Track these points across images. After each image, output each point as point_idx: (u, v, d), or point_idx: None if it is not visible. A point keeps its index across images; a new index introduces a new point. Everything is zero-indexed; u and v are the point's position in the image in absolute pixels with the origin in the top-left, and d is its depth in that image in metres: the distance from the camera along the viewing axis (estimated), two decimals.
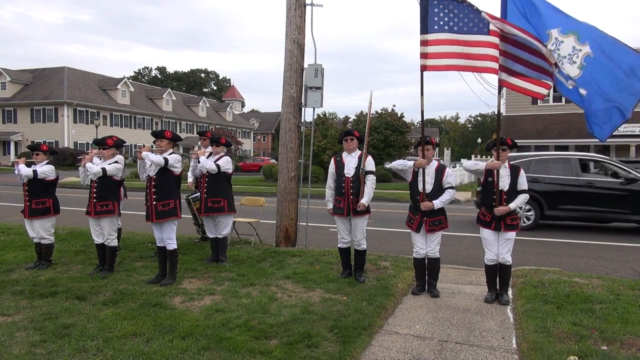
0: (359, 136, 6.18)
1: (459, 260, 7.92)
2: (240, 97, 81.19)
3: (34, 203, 6.52)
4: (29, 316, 4.68)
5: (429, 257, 5.71)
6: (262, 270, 6.47)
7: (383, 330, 4.61)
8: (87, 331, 4.29)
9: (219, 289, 5.63)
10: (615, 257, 8.35)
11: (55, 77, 43.97)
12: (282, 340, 4.18)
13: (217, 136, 7.30)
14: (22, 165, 6.48)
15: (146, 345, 4.01)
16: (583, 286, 5.88)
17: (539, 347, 4.08)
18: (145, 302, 5.05)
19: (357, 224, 6.10)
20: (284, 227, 8.19)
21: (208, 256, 7.11)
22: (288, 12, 8.12)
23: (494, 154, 5.46)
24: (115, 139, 6.58)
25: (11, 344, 4.05)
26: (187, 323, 4.47)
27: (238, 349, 3.95)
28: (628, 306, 5.09)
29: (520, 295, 5.62)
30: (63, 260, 6.99)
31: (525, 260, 7.88)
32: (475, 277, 6.56)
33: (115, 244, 6.41)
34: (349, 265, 6.31)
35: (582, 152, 15.67)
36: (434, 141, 5.72)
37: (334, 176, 6.18)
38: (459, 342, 4.36)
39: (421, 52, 5.37)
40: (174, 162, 5.84)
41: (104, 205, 6.19)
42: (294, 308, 4.98)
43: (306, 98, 8.17)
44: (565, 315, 4.84)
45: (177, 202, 5.91)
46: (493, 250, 5.47)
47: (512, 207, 5.32)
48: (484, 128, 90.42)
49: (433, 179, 5.61)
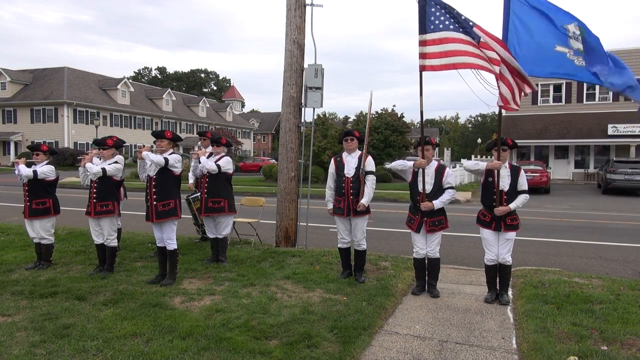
0: (359, 136, 6.18)
1: (459, 260, 7.91)
2: (240, 97, 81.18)
3: (34, 203, 6.52)
4: (28, 316, 4.67)
5: (429, 257, 5.71)
6: (262, 270, 6.47)
7: (383, 331, 4.61)
8: (87, 331, 4.29)
9: (219, 289, 5.63)
10: (615, 257, 8.35)
11: (55, 77, 43.97)
12: (282, 340, 4.18)
13: (217, 136, 7.30)
14: (22, 165, 6.48)
15: (146, 346, 4.01)
16: (583, 286, 5.88)
17: (539, 347, 4.07)
18: (145, 303, 5.05)
19: (357, 224, 6.10)
20: (284, 227, 8.19)
21: (208, 256, 7.11)
22: (288, 12, 8.12)
23: (494, 154, 5.45)
24: (115, 139, 6.57)
25: (11, 344, 4.05)
26: (187, 323, 4.46)
27: (238, 349, 3.95)
28: (628, 306, 5.08)
29: (520, 295, 5.62)
30: (63, 260, 6.99)
31: (525, 260, 7.87)
32: (475, 278, 6.55)
33: (115, 244, 6.40)
34: (349, 266, 6.31)
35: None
36: (433, 141, 5.72)
37: (334, 176, 6.18)
38: (459, 342, 4.35)
39: (420, 52, 5.36)
40: (174, 162, 5.84)
41: (104, 206, 6.18)
42: (294, 308, 4.98)
43: (306, 98, 8.17)
44: (565, 315, 4.84)
45: (177, 202, 5.91)
46: (493, 250, 5.46)
47: (512, 207, 5.32)
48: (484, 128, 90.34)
49: (433, 179, 5.61)
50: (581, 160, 30.86)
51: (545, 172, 22.35)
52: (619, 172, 20.87)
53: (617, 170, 21.00)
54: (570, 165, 30.87)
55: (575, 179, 30.33)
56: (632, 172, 20.63)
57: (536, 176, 21.26)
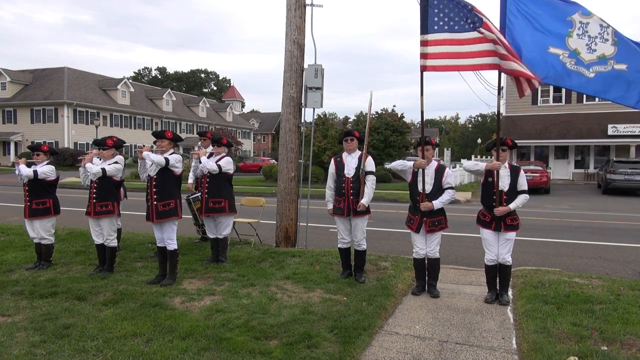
0: (359, 136, 6.18)
1: (459, 260, 7.91)
2: (240, 98, 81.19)
3: (34, 203, 6.52)
4: (28, 316, 4.67)
5: (428, 257, 5.71)
6: (262, 270, 6.46)
7: (383, 331, 4.61)
8: (87, 331, 4.29)
9: (219, 290, 5.63)
10: (615, 257, 8.35)
11: (55, 78, 43.97)
12: (282, 340, 4.18)
13: (218, 137, 7.30)
14: (23, 165, 6.49)
15: (146, 346, 4.01)
16: (583, 286, 5.88)
17: (539, 347, 4.07)
18: (145, 303, 5.05)
19: (357, 224, 6.10)
20: (284, 228, 8.19)
21: (208, 256, 7.10)
22: (288, 13, 8.12)
23: (493, 155, 5.46)
24: (115, 139, 6.58)
25: (11, 344, 4.05)
26: (187, 323, 4.46)
27: (238, 349, 3.95)
28: (628, 306, 5.08)
29: (521, 295, 5.62)
30: (63, 260, 6.99)
31: (525, 260, 7.87)
32: (475, 278, 6.55)
33: (115, 244, 6.40)
34: (349, 266, 6.31)
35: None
36: (433, 141, 5.72)
37: (334, 176, 6.18)
38: (459, 343, 4.35)
39: (421, 53, 5.37)
40: (174, 162, 5.84)
41: (104, 206, 6.18)
42: (294, 308, 4.98)
43: (306, 98, 8.17)
44: (566, 315, 4.84)
45: (177, 202, 5.91)
46: (493, 250, 5.46)
47: (512, 207, 5.32)
48: (484, 128, 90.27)
49: (433, 180, 5.61)
50: (581, 160, 30.86)
51: (545, 172, 22.36)
52: (619, 172, 20.87)
53: (617, 170, 21.00)
54: (570, 165, 30.88)
55: (575, 179, 30.34)
56: (632, 172, 20.63)
57: (536, 176, 21.27)
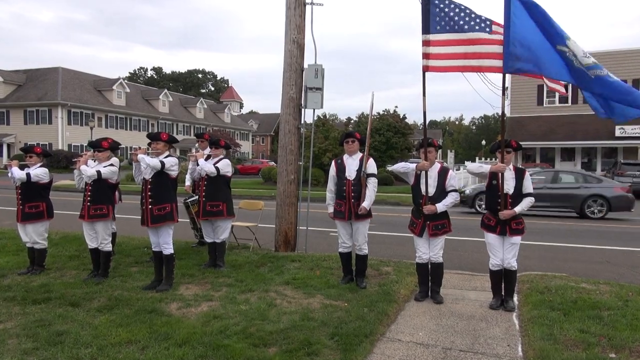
0: (360, 138, 6.10)
1: (463, 265, 7.82)
2: (238, 98, 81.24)
3: (27, 207, 6.40)
4: (21, 323, 4.61)
5: (432, 262, 5.61)
6: (261, 275, 6.38)
7: (385, 338, 4.53)
8: (81, 338, 4.23)
9: (217, 295, 5.55)
10: (623, 262, 8.29)
11: (49, 78, 43.64)
12: (282, 347, 4.11)
13: (216, 138, 7.24)
14: (16, 167, 6.37)
15: (141, 353, 3.95)
16: (590, 292, 5.80)
17: (545, 354, 4.01)
18: (140, 309, 4.98)
19: (359, 228, 6.00)
20: (283, 231, 8.08)
21: (205, 261, 7.00)
22: (288, 11, 8.03)
23: (498, 156, 5.37)
24: (111, 141, 6.47)
25: (3, 351, 3.98)
26: (184, 330, 4.40)
27: (236, 356, 3.90)
28: (637, 312, 5.01)
29: (526, 301, 5.53)
30: (56, 265, 6.89)
31: (530, 265, 7.78)
32: (480, 283, 6.45)
33: (110, 248, 6.30)
34: (350, 271, 6.22)
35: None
36: (435, 143, 5.64)
37: (334, 179, 6.08)
38: (463, 350, 4.27)
39: (423, 53, 5.31)
40: (170, 165, 5.75)
41: (98, 209, 6.08)
42: (294, 315, 4.90)
43: (306, 99, 8.09)
44: (573, 322, 4.76)
45: (173, 206, 5.81)
46: (498, 255, 5.36)
47: (518, 210, 5.23)
48: (489, 130, 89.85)
49: (436, 182, 5.52)
50: (588, 162, 30.68)
51: None
52: (627, 174, 20.66)
53: (625, 172, 20.81)
54: (577, 167, 30.76)
55: None
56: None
57: None
